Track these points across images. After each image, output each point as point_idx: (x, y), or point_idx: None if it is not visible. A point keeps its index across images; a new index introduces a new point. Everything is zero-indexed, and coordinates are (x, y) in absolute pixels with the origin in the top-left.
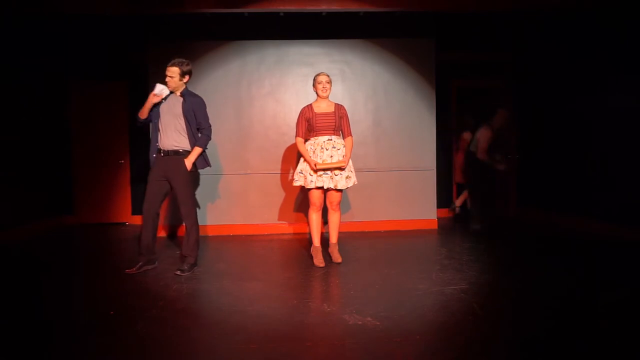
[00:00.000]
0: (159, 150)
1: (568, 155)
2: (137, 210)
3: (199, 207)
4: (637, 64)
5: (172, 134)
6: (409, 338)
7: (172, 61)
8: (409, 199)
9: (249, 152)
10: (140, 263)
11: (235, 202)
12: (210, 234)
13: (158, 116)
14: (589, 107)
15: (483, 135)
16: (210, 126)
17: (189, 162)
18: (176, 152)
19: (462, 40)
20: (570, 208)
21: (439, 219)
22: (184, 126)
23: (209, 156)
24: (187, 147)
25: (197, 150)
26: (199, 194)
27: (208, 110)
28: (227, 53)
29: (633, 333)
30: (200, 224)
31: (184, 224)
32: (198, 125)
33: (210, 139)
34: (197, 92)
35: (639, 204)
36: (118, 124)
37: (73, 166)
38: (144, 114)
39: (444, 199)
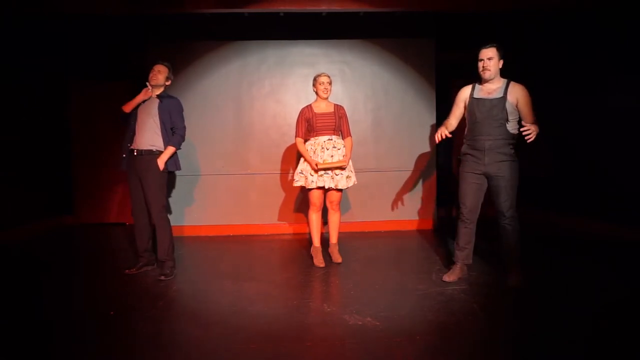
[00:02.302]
0: (132, 150)
1: (568, 155)
2: None
3: (170, 212)
4: (637, 64)
5: (147, 134)
6: (409, 338)
7: (163, 62)
8: (409, 199)
9: (249, 152)
10: (140, 263)
11: (235, 202)
12: (210, 234)
13: (135, 118)
14: (588, 107)
15: None
16: (185, 127)
17: (161, 160)
18: (150, 152)
19: (462, 40)
20: (569, 208)
21: (439, 219)
22: (159, 126)
23: (209, 156)
24: (162, 147)
25: (170, 149)
26: (199, 193)
27: (208, 110)
28: (227, 53)
29: (633, 333)
30: (200, 224)
31: (156, 226)
32: (173, 125)
33: (184, 139)
34: (197, 93)
35: (639, 204)
36: (118, 124)
37: (73, 166)
38: (128, 108)
39: (444, 199)
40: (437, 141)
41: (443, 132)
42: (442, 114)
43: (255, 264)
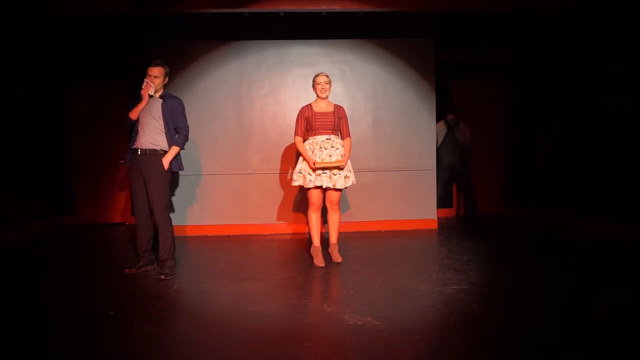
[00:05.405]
0: (135, 150)
1: (568, 155)
2: None
3: (173, 211)
4: (636, 64)
5: (150, 134)
6: (409, 338)
7: (155, 62)
8: (409, 199)
9: (249, 152)
10: (140, 263)
11: (235, 202)
12: (210, 234)
13: (138, 118)
14: (588, 107)
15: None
16: (188, 127)
17: (166, 160)
18: (154, 152)
19: (462, 40)
20: (570, 208)
21: (439, 219)
22: (163, 127)
23: (209, 155)
24: (165, 147)
25: (175, 149)
26: (198, 193)
27: (208, 110)
28: (227, 53)
29: (633, 333)
30: (200, 224)
31: (157, 226)
32: (176, 125)
33: (187, 139)
34: (197, 93)
35: (639, 204)
36: (118, 124)
37: (73, 166)
38: (135, 114)
39: (443, 199)
40: None
41: None
42: (442, 114)
43: (255, 264)
